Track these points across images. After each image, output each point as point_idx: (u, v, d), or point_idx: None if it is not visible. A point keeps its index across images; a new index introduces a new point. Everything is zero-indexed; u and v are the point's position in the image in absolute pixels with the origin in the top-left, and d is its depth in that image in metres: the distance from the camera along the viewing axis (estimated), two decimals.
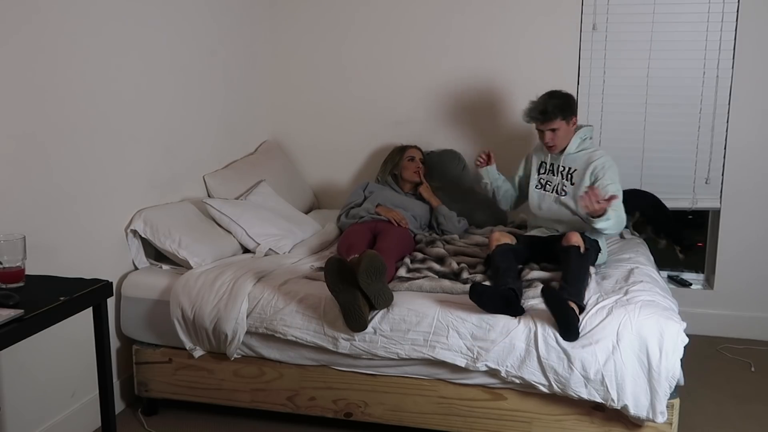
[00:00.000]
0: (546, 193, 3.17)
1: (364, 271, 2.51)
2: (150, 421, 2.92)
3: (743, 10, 3.55)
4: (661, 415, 2.39)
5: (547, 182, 3.17)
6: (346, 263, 2.59)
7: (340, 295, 2.55)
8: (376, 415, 2.72)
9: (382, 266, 2.56)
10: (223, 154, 3.72)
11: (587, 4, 3.73)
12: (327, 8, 4.07)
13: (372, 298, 2.55)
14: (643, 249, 3.31)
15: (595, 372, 2.40)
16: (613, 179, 2.98)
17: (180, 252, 2.92)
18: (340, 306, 2.57)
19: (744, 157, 3.68)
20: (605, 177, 2.97)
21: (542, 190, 3.19)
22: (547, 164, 3.18)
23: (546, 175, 3.19)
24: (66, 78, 2.56)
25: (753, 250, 3.75)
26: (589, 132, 3.15)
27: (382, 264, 2.57)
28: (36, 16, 2.40)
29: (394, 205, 3.52)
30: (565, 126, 3.06)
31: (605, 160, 3.03)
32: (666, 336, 2.39)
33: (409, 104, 4.05)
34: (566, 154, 3.10)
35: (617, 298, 2.60)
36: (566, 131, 3.08)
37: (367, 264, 2.53)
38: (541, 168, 3.21)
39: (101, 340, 2.19)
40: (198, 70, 3.44)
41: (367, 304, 2.56)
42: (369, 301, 2.56)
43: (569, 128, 3.08)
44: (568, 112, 3.05)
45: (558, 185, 3.13)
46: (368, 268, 2.52)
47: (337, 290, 2.55)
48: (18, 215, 2.37)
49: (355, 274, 2.52)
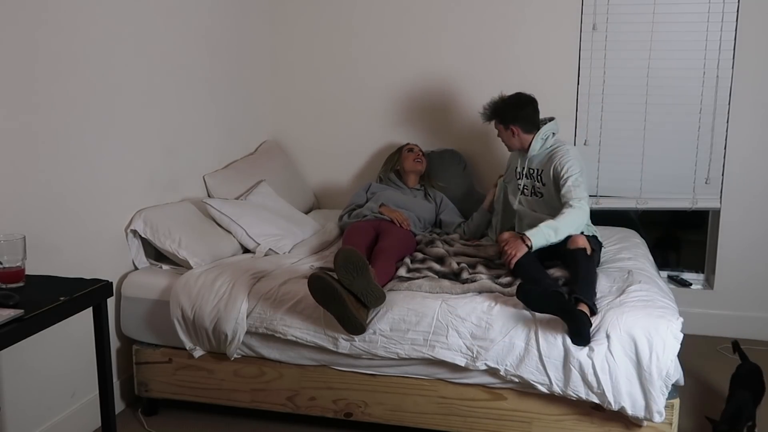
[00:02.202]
0: (523, 197, 3.20)
1: (342, 267, 2.50)
2: (150, 421, 2.92)
3: (743, 10, 3.55)
4: (659, 415, 2.38)
5: (524, 186, 3.19)
6: (328, 275, 2.54)
7: (330, 307, 2.54)
8: (376, 415, 2.72)
9: (360, 260, 2.53)
10: (223, 154, 3.72)
11: (587, 4, 3.73)
12: (327, 8, 4.08)
13: (361, 297, 2.53)
14: (642, 249, 3.31)
15: (591, 373, 2.40)
16: (570, 169, 2.94)
17: (180, 252, 2.92)
18: (334, 317, 2.56)
19: (744, 157, 3.68)
20: (563, 169, 2.95)
21: (521, 194, 3.21)
22: (518, 169, 3.21)
23: (521, 179, 3.20)
24: (66, 78, 2.56)
25: (753, 250, 3.74)
26: (551, 129, 3.11)
27: (359, 258, 2.53)
28: (36, 16, 2.40)
29: (398, 206, 3.52)
30: (503, 130, 3.12)
31: (563, 153, 3.01)
32: (655, 335, 2.38)
33: (409, 104, 4.05)
34: (529, 156, 3.12)
35: (613, 298, 2.61)
36: (506, 136, 3.13)
37: (342, 259, 2.51)
38: (516, 174, 3.24)
39: (101, 340, 2.20)
40: (198, 70, 3.44)
41: (360, 307, 2.55)
42: (361, 301, 2.55)
43: (508, 134, 3.11)
44: (505, 118, 3.09)
45: (531, 186, 3.15)
46: (345, 263, 2.50)
47: (326, 303, 2.54)
48: (18, 215, 2.37)
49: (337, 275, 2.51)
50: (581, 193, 2.90)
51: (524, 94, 3.13)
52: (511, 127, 3.09)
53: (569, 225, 2.82)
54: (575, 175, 2.93)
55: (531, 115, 3.09)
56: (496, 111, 3.12)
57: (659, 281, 2.86)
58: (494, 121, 3.16)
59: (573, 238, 2.80)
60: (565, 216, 2.83)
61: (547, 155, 3.09)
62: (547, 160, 3.07)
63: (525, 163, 3.15)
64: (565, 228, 2.80)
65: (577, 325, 2.41)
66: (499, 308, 2.55)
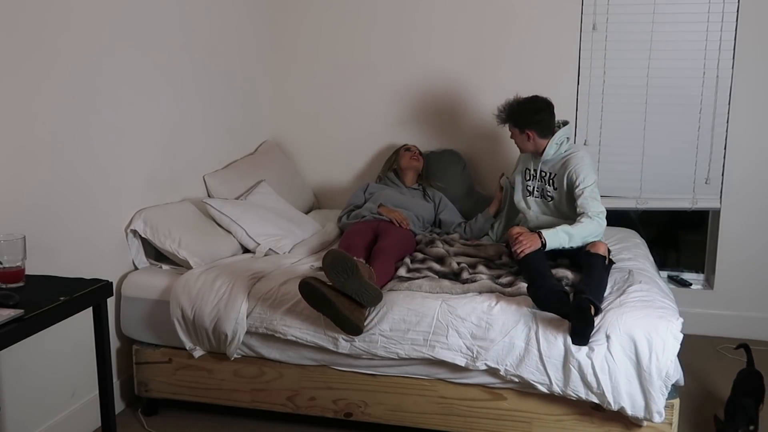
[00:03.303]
0: (532, 198, 3.20)
1: (331, 270, 2.49)
2: (150, 421, 2.92)
3: (743, 10, 3.55)
4: (658, 415, 2.38)
5: (535, 188, 3.18)
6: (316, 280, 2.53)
7: (322, 311, 2.54)
8: (376, 415, 2.72)
9: (349, 261, 2.52)
10: (223, 154, 3.72)
11: (587, 4, 3.73)
12: (327, 8, 4.08)
13: (356, 297, 2.53)
14: (642, 249, 3.31)
15: (591, 373, 2.41)
16: (587, 179, 2.95)
17: (180, 252, 2.92)
18: (330, 320, 2.56)
19: (744, 157, 3.68)
20: (578, 178, 2.96)
21: (529, 195, 3.20)
22: (531, 170, 3.20)
23: (531, 181, 3.19)
24: (66, 78, 2.56)
25: (753, 250, 3.75)
26: (565, 134, 3.10)
27: (347, 259, 2.53)
28: (35, 16, 2.40)
29: (396, 205, 3.51)
30: (518, 134, 3.09)
31: (577, 161, 3.01)
32: (655, 335, 2.38)
33: (409, 104, 4.05)
34: (543, 160, 3.11)
35: (613, 298, 2.60)
36: (521, 139, 3.10)
37: (330, 262, 2.51)
38: (526, 174, 3.23)
39: (101, 340, 2.20)
40: (198, 70, 3.44)
41: (356, 308, 2.54)
42: (357, 302, 2.55)
43: (523, 138, 3.08)
44: (520, 122, 3.06)
45: (541, 189, 3.15)
46: (333, 266, 2.50)
47: (318, 307, 2.53)
48: (18, 215, 2.37)
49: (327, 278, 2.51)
50: (599, 206, 2.90)
51: (541, 97, 3.10)
52: (527, 131, 3.06)
53: (584, 235, 2.83)
54: (591, 186, 2.94)
55: (547, 120, 3.07)
56: (512, 114, 3.09)
57: (659, 281, 2.86)
58: (507, 125, 3.13)
59: (595, 243, 2.81)
60: (583, 226, 2.83)
61: (561, 160, 3.08)
62: (561, 166, 3.07)
63: (538, 165, 3.14)
64: (580, 238, 2.82)
65: (582, 325, 2.40)
66: (499, 308, 2.55)
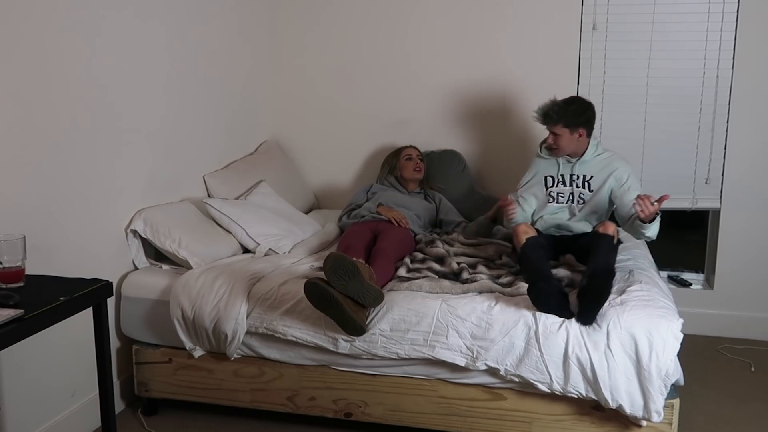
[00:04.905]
0: (557, 205, 3.15)
1: (333, 273, 2.49)
2: (150, 421, 2.92)
3: (743, 10, 3.55)
4: (657, 415, 2.38)
5: (559, 194, 3.14)
6: (323, 281, 2.53)
7: (328, 312, 2.53)
8: (376, 415, 2.72)
9: (349, 263, 2.52)
10: (223, 154, 3.72)
11: (587, 4, 3.73)
12: (327, 8, 4.08)
13: (358, 299, 2.53)
14: (642, 249, 3.31)
15: (590, 370, 2.41)
16: (632, 177, 3.04)
17: (180, 252, 2.92)
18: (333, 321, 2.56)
19: (744, 157, 3.68)
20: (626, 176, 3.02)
21: (554, 203, 3.15)
22: (556, 176, 3.14)
23: (556, 187, 3.15)
24: (65, 78, 2.56)
25: (753, 250, 3.75)
26: (595, 137, 3.14)
27: (348, 261, 2.53)
28: (36, 16, 2.41)
29: (397, 205, 3.51)
30: (568, 134, 3.03)
31: (621, 161, 3.07)
32: (656, 334, 2.39)
33: (408, 104, 4.05)
34: (582, 161, 3.09)
35: (614, 298, 2.60)
36: (569, 140, 3.04)
37: (331, 265, 2.51)
38: (547, 181, 3.16)
39: (101, 340, 2.19)
40: (198, 69, 3.44)
41: (359, 308, 2.54)
42: (359, 303, 2.55)
43: (572, 138, 3.03)
44: (572, 122, 3.01)
45: (572, 194, 3.11)
46: (334, 268, 2.50)
47: (324, 308, 2.53)
48: (18, 215, 2.37)
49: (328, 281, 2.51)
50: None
51: (583, 97, 3.13)
52: (579, 130, 3.04)
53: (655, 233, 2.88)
54: (640, 190, 2.97)
55: (593, 120, 3.11)
56: (563, 114, 3.02)
57: (659, 281, 2.86)
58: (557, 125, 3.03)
59: (605, 223, 2.82)
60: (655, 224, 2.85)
61: (600, 163, 3.07)
62: (601, 168, 3.06)
63: (568, 169, 3.11)
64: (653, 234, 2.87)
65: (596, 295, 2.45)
66: (499, 308, 2.55)
